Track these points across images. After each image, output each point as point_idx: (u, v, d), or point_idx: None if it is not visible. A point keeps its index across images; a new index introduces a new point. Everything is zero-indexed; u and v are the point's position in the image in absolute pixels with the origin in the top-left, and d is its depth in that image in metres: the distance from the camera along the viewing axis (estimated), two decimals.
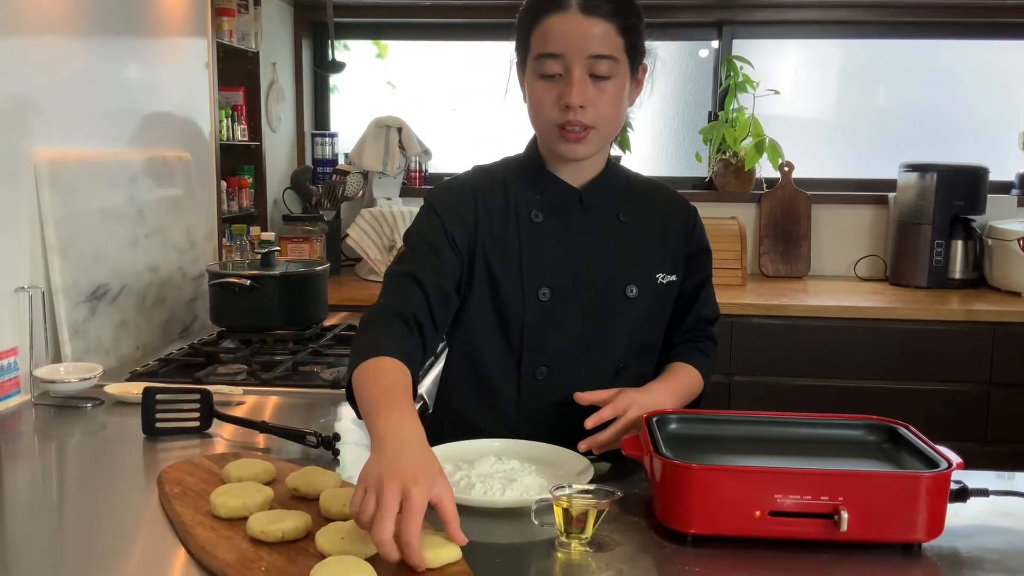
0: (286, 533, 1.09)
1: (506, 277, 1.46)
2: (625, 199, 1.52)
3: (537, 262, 1.46)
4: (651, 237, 1.52)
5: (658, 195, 1.57)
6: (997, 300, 3.08)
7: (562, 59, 1.36)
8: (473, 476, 1.31)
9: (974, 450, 2.87)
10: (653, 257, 1.51)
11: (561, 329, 1.47)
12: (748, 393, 2.98)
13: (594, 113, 1.38)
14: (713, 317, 1.61)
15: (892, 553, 1.14)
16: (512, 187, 1.49)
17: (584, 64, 1.36)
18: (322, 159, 3.71)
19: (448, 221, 1.45)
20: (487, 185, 1.50)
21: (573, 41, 1.35)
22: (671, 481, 1.15)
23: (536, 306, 1.46)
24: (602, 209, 1.50)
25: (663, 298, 1.53)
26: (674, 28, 3.71)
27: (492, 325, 1.48)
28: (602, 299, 1.48)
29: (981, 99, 3.62)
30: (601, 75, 1.37)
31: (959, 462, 1.15)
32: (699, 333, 1.59)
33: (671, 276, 1.52)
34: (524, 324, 1.46)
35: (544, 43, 1.37)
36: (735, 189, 3.59)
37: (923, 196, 3.28)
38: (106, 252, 2.12)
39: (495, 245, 1.46)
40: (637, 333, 1.51)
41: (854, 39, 3.67)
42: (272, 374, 1.98)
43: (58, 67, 2.01)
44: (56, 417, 1.74)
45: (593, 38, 1.35)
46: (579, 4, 1.35)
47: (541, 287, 1.45)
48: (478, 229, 1.46)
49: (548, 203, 1.48)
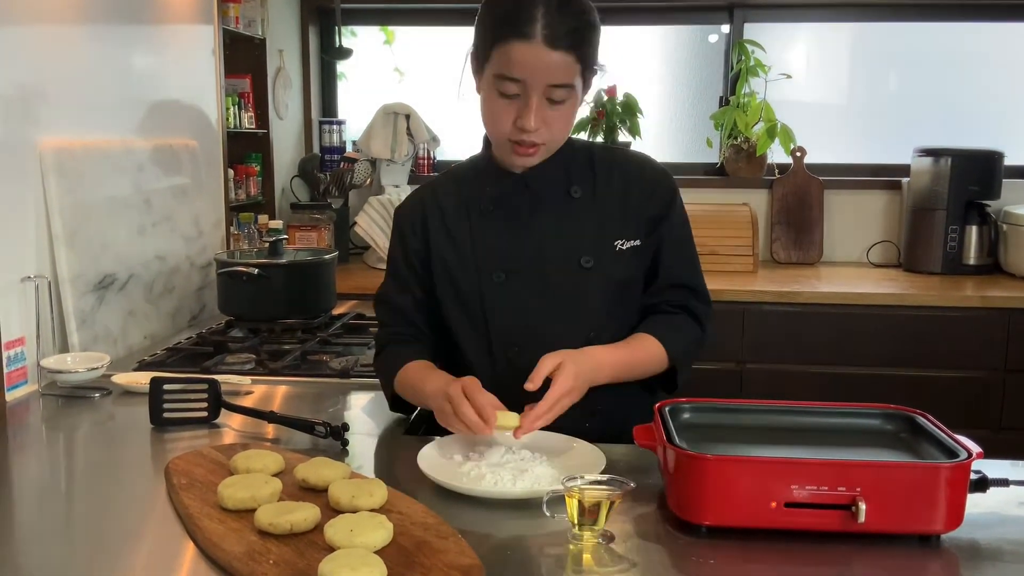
0: (295, 525, 1.08)
1: (461, 268, 1.54)
2: (578, 173, 1.54)
3: (488, 249, 1.53)
4: (609, 206, 1.53)
5: (622, 165, 1.57)
6: (1012, 286, 3.04)
7: (521, 83, 1.38)
8: (483, 466, 1.29)
9: (988, 437, 2.83)
10: (611, 225, 1.52)
11: (523, 309, 1.51)
12: (760, 380, 2.95)
13: (547, 133, 1.43)
14: (686, 283, 1.56)
15: (910, 544, 1.12)
16: (465, 184, 1.58)
17: (542, 91, 1.38)
18: (330, 147, 3.69)
19: (405, 234, 1.59)
20: (443, 187, 1.61)
21: (535, 70, 1.36)
22: (685, 472, 1.13)
23: (493, 290, 1.51)
24: (549, 188, 1.53)
25: (627, 264, 1.53)
26: (685, 12, 3.67)
27: (460, 316, 1.56)
28: (558, 274, 1.51)
29: (996, 82, 3.57)
30: (557, 100, 1.40)
31: (979, 451, 1.13)
32: (673, 302, 1.56)
33: (633, 241, 1.53)
34: (485, 309, 1.52)
35: (505, 66, 1.38)
36: (746, 175, 3.56)
37: (937, 181, 3.24)
38: (113, 241, 2.10)
39: (448, 241, 1.55)
40: (603, 302, 1.52)
41: (866, 22, 3.63)
42: (281, 363, 1.97)
43: (64, 55, 1.99)
44: (64, 407, 1.73)
45: (554, 69, 1.36)
46: (543, 36, 1.34)
47: (495, 271, 1.51)
48: (429, 230, 1.56)
49: (496, 193, 1.54)
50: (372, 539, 1.04)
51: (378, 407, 1.75)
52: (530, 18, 1.35)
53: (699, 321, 1.57)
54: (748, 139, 3.50)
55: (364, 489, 1.16)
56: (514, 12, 1.36)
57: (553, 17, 1.34)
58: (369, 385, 1.85)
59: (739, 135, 3.51)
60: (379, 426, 1.64)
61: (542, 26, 1.34)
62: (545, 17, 1.34)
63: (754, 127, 3.48)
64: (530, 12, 1.35)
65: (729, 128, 3.51)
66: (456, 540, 1.06)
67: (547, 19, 1.34)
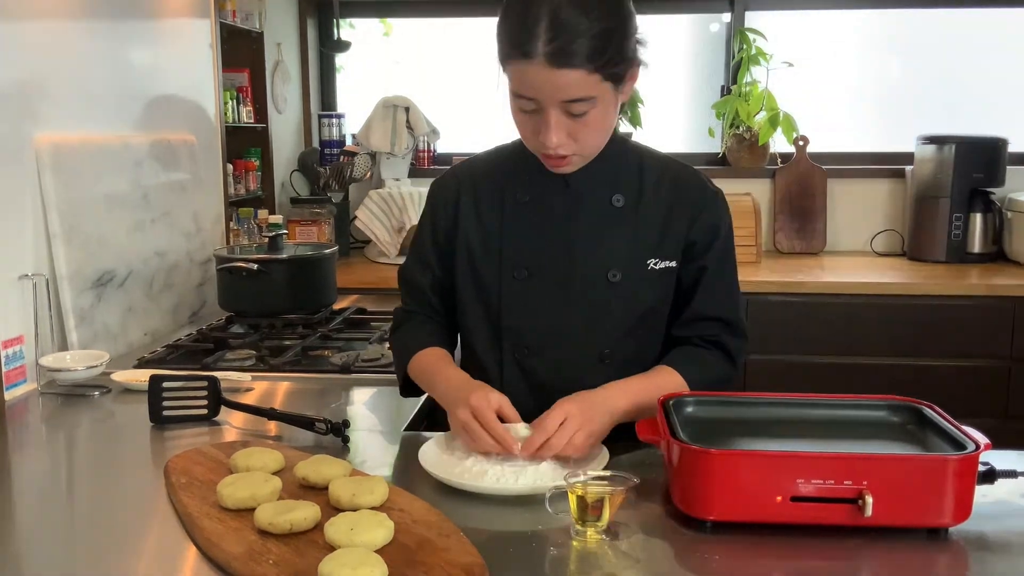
0: (295, 524, 1.07)
1: (485, 257, 1.48)
2: (625, 182, 1.46)
3: (516, 243, 1.47)
4: (650, 221, 1.45)
5: (673, 179, 1.48)
6: (1017, 274, 3.02)
7: (535, 101, 1.29)
8: (485, 463, 1.28)
9: (995, 426, 2.80)
10: (648, 242, 1.44)
11: (539, 311, 1.45)
12: (764, 371, 2.94)
13: (574, 146, 1.34)
14: (721, 316, 1.47)
15: (918, 537, 1.11)
16: (506, 171, 1.50)
17: (559, 106, 1.28)
18: (329, 140, 3.67)
19: (436, 209, 1.54)
20: (482, 168, 1.54)
21: (543, 90, 1.26)
22: (689, 467, 1.12)
23: (512, 286, 1.46)
24: (591, 193, 1.45)
25: (656, 285, 1.45)
26: (686, 0, 3.64)
27: (475, 306, 1.50)
28: (582, 283, 1.44)
29: (999, 69, 3.54)
30: (578, 113, 1.29)
31: (987, 443, 1.11)
32: (706, 336, 1.48)
33: (668, 263, 1.45)
34: (501, 304, 1.47)
35: (516, 84, 1.30)
36: (749, 164, 3.53)
37: (941, 169, 3.22)
38: (111, 238, 2.09)
39: (477, 226, 1.49)
40: (623, 319, 1.45)
41: (868, 9, 3.59)
42: (281, 359, 1.95)
43: (60, 50, 1.97)
44: (63, 405, 1.72)
45: (564, 87, 1.25)
46: (546, 54, 1.22)
47: (517, 267, 1.46)
48: (460, 210, 1.50)
49: (534, 187, 1.47)
50: (373, 538, 1.02)
51: (380, 403, 1.74)
52: (531, 36, 1.23)
53: (731, 357, 1.48)
54: (750, 128, 3.48)
55: (365, 487, 1.15)
56: (516, 28, 1.25)
57: (556, 32, 1.22)
58: (371, 380, 1.84)
59: (741, 124, 3.49)
60: (381, 422, 1.63)
61: (544, 43, 1.22)
62: (547, 33, 1.22)
63: (756, 116, 3.45)
64: (531, 29, 1.23)
65: (731, 117, 3.49)
66: (458, 538, 1.05)
67: (549, 35, 1.22)
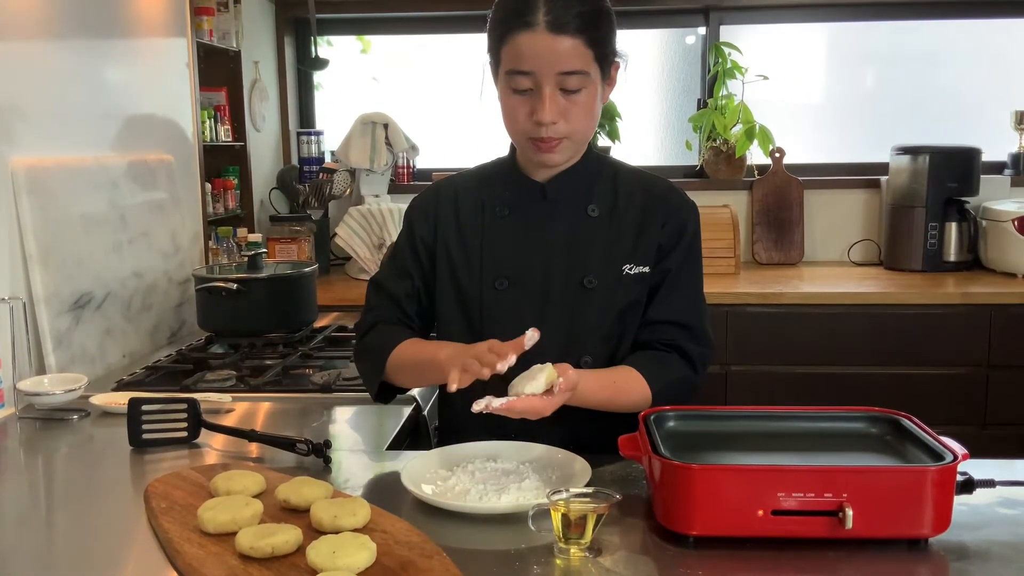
0: (276, 548, 1.06)
1: (465, 267, 1.53)
2: (600, 191, 1.52)
3: (496, 254, 1.51)
4: (624, 229, 1.50)
5: (644, 188, 1.54)
6: (993, 282, 3.06)
7: (532, 76, 1.38)
8: (467, 480, 1.28)
9: (973, 434, 2.85)
10: (622, 248, 1.50)
11: (520, 319, 1.45)
12: (744, 382, 2.95)
13: (566, 126, 1.41)
14: (680, 320, 1.49)
15: (899, 548, 1.11)
16: (485, 184, 1.57)
17: (554, 80, 1.37)
18: (308, 157, 3.67)
19: (414, 221, 1.58)
20: (463, 183, 1.59)
21: (542, 59, 1.36)
22: (671, 482, 1.12)
23: (493, 296, 1.50)
24: (568, 202, 1.51)
25: (632, 290, 1.50)
26: (661, 15, 3.67)
27: (456, 316, 1.54)
28: (559, 289, 1.49)
29: (971, 78, 3.59)
30: (572, 89, 1.38)
31: (964, 453, 1.12)
32: (664, 340, 1.49)
33: (642, 268, 1.50)
34: (483, 315, 1.51)
35: (514, 60, 1.38)
36: (726, 176, 3.56)
37: (916, 179, 3.25)
38: (89, 259, 2.08)
39: (458, 239, 1.54)
40: (600, 324, 1.49)
41: (840, 22, 3.64)
42: (262, 379, 1.94)
43: (35, 71, 1.97)
44: (41, 430, 1.70)
45: (562, 55, 1.36)
46: (547, 23, 1.35)
47: (498, 277, 1.50)
48: (439, 226, 1.55)
49: (513, 198, 1.53)
50: (355, 560, 1.02)
51: (361, 421, 1.73)
52: (533, 8, 1.35)
53: (691, 362, 1.49)
54: (727, 141, 3.51)
55: (347, 509, 1.14)
56: (518, 5, 1.37)
57: (555, 4, 1.35)
58: (352, 399, 1.83)
59: (718, 137, 3.52)
60: (362, 441, 1.63)
61: (544, 12, 1.35)
62: (547, 4, 1.35)
63: (733, 129, 3.48)
64: (533, 3, 1.36)
65: (708, 130, 3.52)
66: (441, 559, 1.05)
67: (549, 6, 1.35)
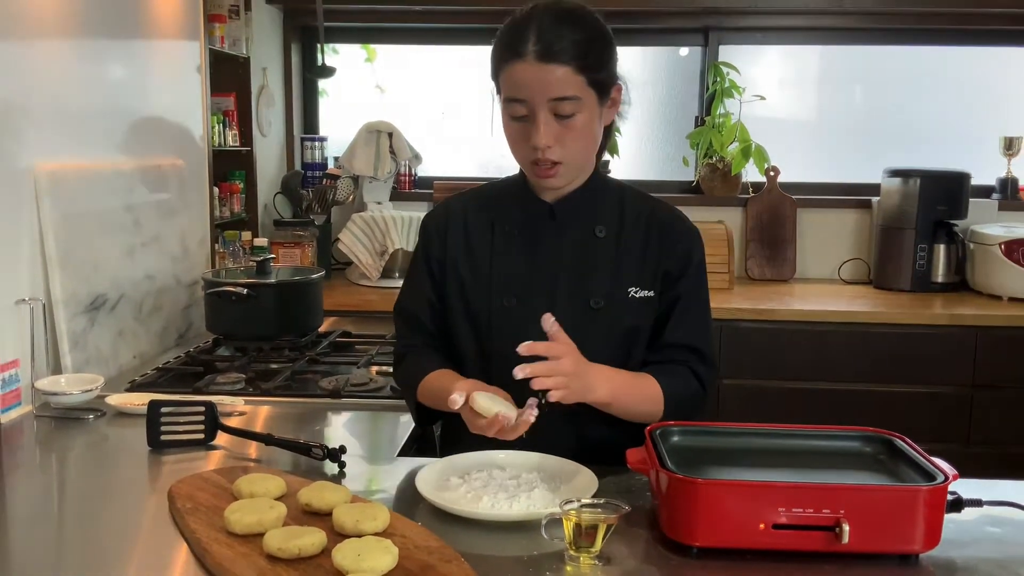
0: (303, 550, 1.11)
1: (475, 285, 1.57)
2: (607, 213, 1.57)
3: (505, 272, 1.56)
4: (630, 252, 1.55)
5: (652, 214, 1.59)
6: (979, 304, 3.14)
7: (527, 103, 1.43)
8: (480, 488, 1.33)
9: (957, 452, 2.92)
10: (628, 271, 1.55)
11: (527, 337, 1.47)
12: (737, 397, 3.02)
13: (561, 150, 1.46)
14: (690, 344, 1.56)
15: (891, 564, 1.17)
16: (495, 203, 1.62)
17: (547, 106, 1.43)
18: (312, 163, 3.72)
19: (428, 239, 1.63)
20: (473, 201, 1.64)
21: (533, 87, 1.42)
22: (677, 495, 1.18)
23: (501, 313, 1.54)
24: (576, 223, 1.56)
25: (637, 312, 1.55)
26: (660, 33, 3.74)
27: (466, 332, 1.59)
28: (566, 310, 1.50)
29: (962, 104, 3.67)
30: (566, 114, 1.43)
31: (954, 474, 1.19)
32: (674, 360, 1.55)
33: (647, 291, 1.55)
34: (492, 332, 1.55)
35: (510, 88, 1.45)
36: (722, 193, 3.63)
37: (906, 201, 3.33)
38: (104, 262, 2.12)
39: (467, 255, 1.58)
40: (606, 346, 1.52)
41: (837, 45, 3.72)
42: (272, 383, 1.99)
43: (53, 76, 2.01)
44: (58, 429, 1.75)
45: (552, 83, 1.41)
46: (535, 52, 1.40)
47: (506, 295, 1.55)
48: (449, 243, 1.60)
49: (522, 218, 1.58)
50: (379, 563, 1.07)
51: (371, 427, 1.78)
52: (523, 39, 1.41)
53: (700, 382, 1.56)
54: (723, 158, 3.58)
55: (367, 513, 1.20)
56: (509, 37, 1.44)
57: (545, 33, 1.40)
58: (360, 405, 1.89)
59: (714, 154, 3.59)
60: (371, 447, 1.68)
61: (533, 42, 1.40)
62: (536, 33, 1.41)
63: (729, 147, 3.55)
64: (523, 33, 1.42)
65: (705, 148, 3.59)
66: (459, 564, 1.10)
67: (538, 35, 1.40)
